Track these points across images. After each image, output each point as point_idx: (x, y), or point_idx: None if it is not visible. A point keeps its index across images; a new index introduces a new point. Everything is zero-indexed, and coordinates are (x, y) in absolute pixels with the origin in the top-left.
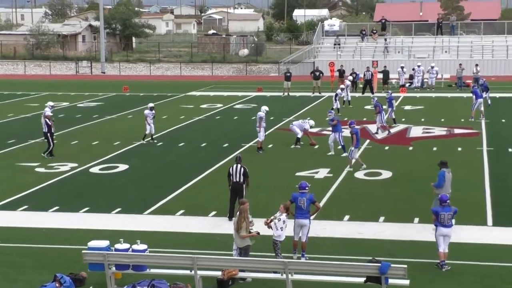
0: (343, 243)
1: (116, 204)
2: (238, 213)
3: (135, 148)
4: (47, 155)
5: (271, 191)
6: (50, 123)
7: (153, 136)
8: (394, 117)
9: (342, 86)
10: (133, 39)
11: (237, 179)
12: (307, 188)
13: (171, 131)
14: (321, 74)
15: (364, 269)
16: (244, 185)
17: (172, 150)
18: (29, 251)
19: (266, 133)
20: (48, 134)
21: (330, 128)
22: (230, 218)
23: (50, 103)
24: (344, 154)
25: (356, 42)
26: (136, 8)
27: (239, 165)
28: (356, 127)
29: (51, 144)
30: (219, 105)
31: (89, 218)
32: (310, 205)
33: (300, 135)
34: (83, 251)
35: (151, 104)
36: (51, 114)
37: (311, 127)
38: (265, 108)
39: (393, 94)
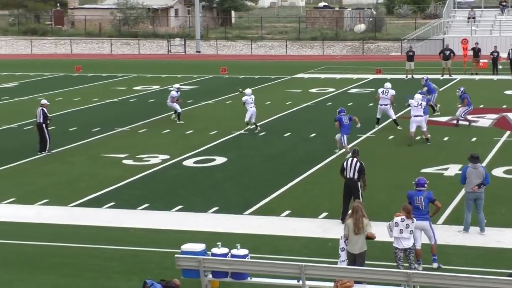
0: (478, 253)
1: (213, 202)
2: (352, 212)
3: (234, 139)
4: (48, 150)
5: (390, 191)
6: (46, 113)
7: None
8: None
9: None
10: (232, 13)
11: (351, 175)
12: (425, 185)
13: (275, 119)
14: (451, 54)
15: (503, 285)
16: (358, 183)
17: (276, 141)
18: (117, 253)
19: (385, 123)
20: (44, 126)
21: (467, 120)
22: (343, 221)
23: (176, 85)
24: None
25: (494, 15)
26: None
27: (354, 159)
28: (341, 115)
29: (47, 138)
30: (330, 90)
31: (183, 217)
32: (428, 204)
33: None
34: (176, 256)
35: (177, 85)
36: (48, 103)
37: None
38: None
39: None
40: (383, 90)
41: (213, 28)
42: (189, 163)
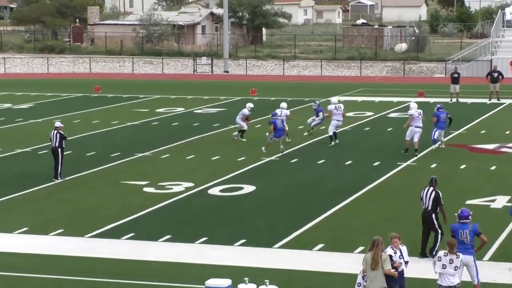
0: None
1: (240, 234)
2: (371, 246)
3: (264, 166)
4: (60, 176)
5: None
6: (64, 135)
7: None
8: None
9: None
10: (264, 30)
11: (426, 206)
12: (469, 217)
13: (308, 144)
14: (500, 76)
15: None
16: (433, 215)
17: (309, 168)
18: None
19: (426, 150)
20: (60, 150)
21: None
22: (421, 255)
23: (250, 105)
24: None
25: None
26: None
27: (431, 188)
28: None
29: (60, 163)
30: (369, 113)
31: (207, 250)
32: (474, 238)
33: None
34: None
35: (250, 105)
36: (62, 125)
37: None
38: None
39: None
40: (336, 106)
41: (242, 46)
42: (214, 191)
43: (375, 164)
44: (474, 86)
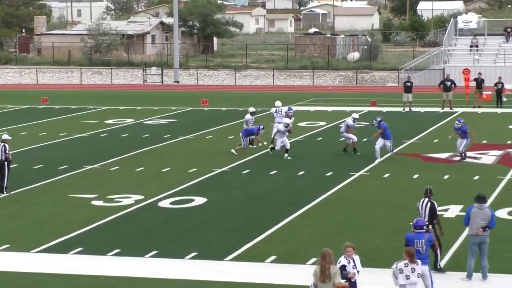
0: None
1: (191, 247)
2: (320, 259)
3: (215, 177)
4: (5, 189)
5: (389, 235)
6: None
7: (253, 142)
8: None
9: None
10: (215, 39)
11: (423, 218)
12: (424, 227)
13: (260, 156)
14: (453, 85)
15: None
16: (429, 226)
17: (261, 180)
18: None
19: (382, 158)
20: (6, 163)
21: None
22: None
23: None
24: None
25: (498, 44)
26: (219, 1)
27: (426, 199)
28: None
29: (7, 176)
30: (321, 123)
31: (158, 264)
32: (429, 247)
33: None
34: None
35: (252, 109)
36: (10, 138)
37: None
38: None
39: None
40: (276, 110)
41: (193, 56)
42: (165, 204)
43: (328, 174)
44: (427, 95)
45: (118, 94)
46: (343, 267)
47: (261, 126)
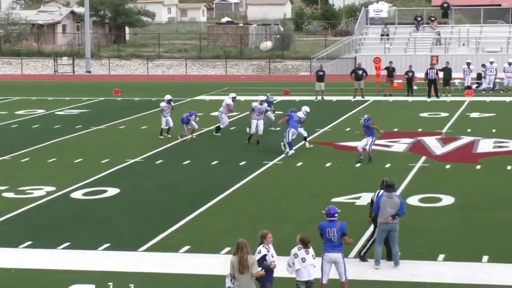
0: (391, 287)
1: (103, 238)
2: (237, 249)
3: (128, 168)
4: None
5: (302, 224)
6: None
7: (169, 131)
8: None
9: None
10: (127, 29)
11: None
12: (336, 214)
13: (173, 145)
14: (364, 73)
15: None
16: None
17: (175, 170)
18: None
19: (295, 147)
20: None
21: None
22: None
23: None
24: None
25: (409, 32)
26: None
27: (381, 191)
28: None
29: None
30: (234, 113)
31: (70, 256)
32: (341, 236)
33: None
34: None
35: (168, 97)
36: None
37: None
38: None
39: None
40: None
41: (105, 45)
42: (77, 195)
43: (241, 163)
44: (339, 84)
45: (29, 85)
46: (263, 257)
47: (191, 113)
